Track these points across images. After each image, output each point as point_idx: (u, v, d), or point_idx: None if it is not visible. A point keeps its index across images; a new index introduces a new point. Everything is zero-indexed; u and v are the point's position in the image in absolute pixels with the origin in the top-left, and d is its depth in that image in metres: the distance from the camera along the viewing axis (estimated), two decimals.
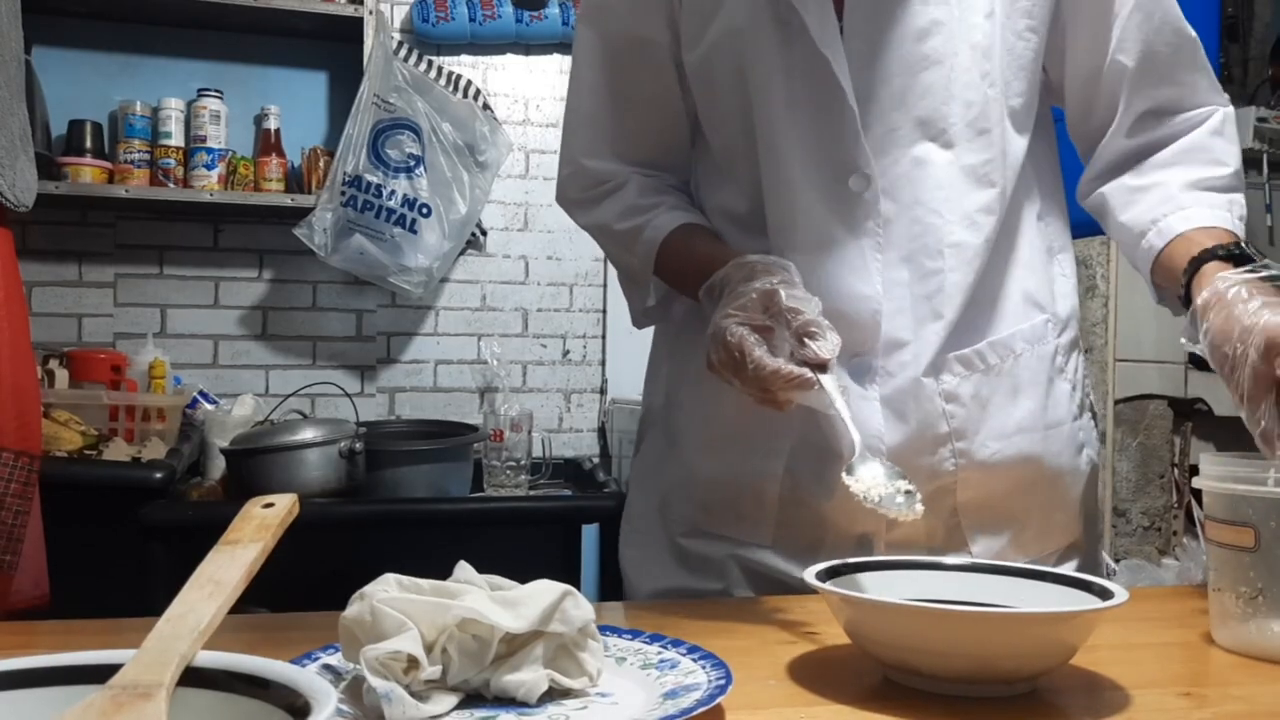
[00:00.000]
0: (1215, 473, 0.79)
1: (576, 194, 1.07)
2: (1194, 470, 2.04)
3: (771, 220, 0.94)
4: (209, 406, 2.40)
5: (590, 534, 2.24)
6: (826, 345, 0.81)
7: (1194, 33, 0.98)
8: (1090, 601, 0.69)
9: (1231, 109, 0.99)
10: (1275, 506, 0.74)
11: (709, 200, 1.04)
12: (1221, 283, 0.82)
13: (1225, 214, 0.91)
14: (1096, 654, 0.76)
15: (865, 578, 0.75)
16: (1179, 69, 0.97)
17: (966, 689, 0.66)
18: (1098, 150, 1.00)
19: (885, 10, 0.92)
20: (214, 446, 2.27)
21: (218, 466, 2.26)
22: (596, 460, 2.70)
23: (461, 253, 2.66)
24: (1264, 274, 0.82)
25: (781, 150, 0.93)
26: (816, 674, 0.70)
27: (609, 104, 1.03)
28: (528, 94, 2.78)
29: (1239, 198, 0.95)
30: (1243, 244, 0.87)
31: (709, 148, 1.02)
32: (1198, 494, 0.82)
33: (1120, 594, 0.67)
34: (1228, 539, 0.77)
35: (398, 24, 2.67)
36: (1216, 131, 0.97)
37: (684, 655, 0.68)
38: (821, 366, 0.81)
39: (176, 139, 2.48)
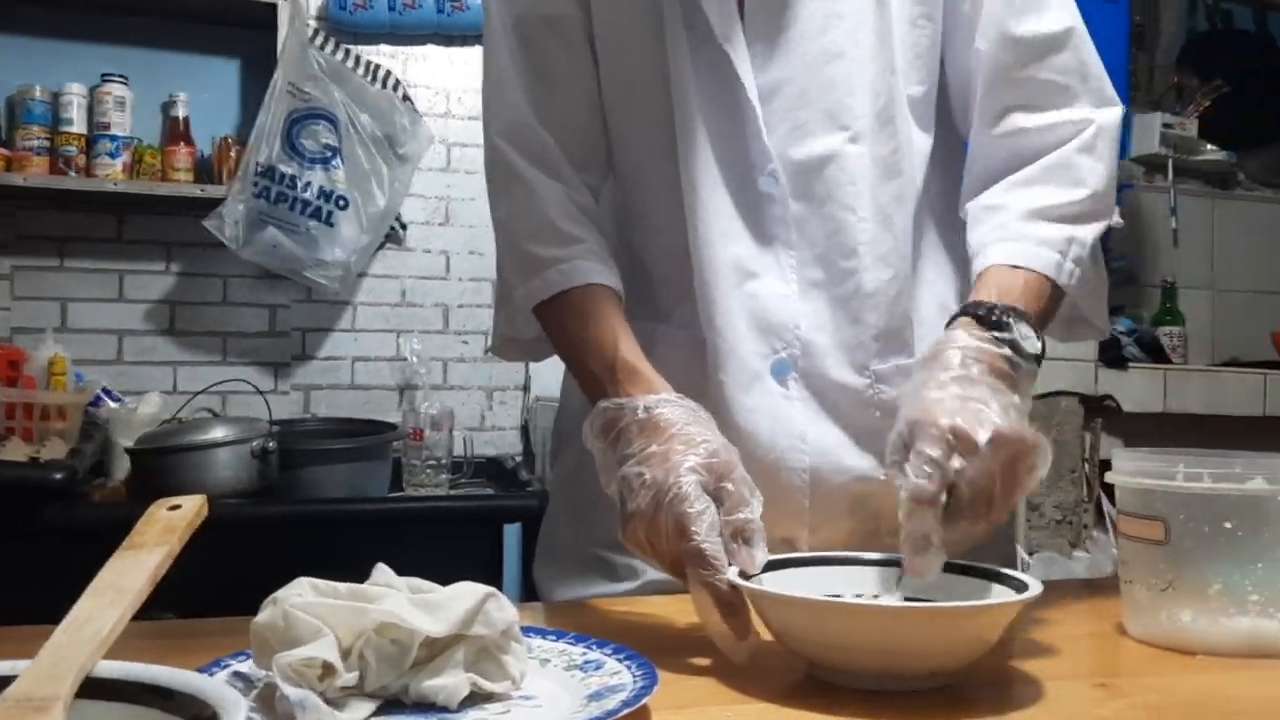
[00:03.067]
0: (1127, 468, 0.81)
1: (492, 179, 1.00)
2: (1104, 465, 2.10)
3: (689, 220, 0.93)
4: (113, 404, 2.32)
5: (513, 534, 2.22)
6: (761, 556, 0.73)
7: (1068, 24, 0.93)
8: (1007, 594, 0.70)
9: (1112, 117, 0.93)
10: (1184, 500, 0.76)
11: (628, 210, 1.02)
12: (941, 345, 0.79)
13: (1051, 254, 0.87)
14: (1012, 646, 0.77)
15: (787, 574, 0.75)
16: (1039, 61, 0.92)
17: (888, 683, 0.66)
18: (970, 151, 0.97)
19: (783, 7, 0.92)
20: (118, 446, 2.19)
21: (122, 467, 2.19)
22: (519, 459, 2.68)
23: (380, 247, 2.62)
24: (999, 339, 0.78)
25: (695, 150, 0.92)
26: (741, 671, 0.69)
27: (526, 82, 0.97)
28: (449, 86, 2.74)
29: (1085, 229, 0.90)
30: (1005, 310, 0.80)
31: (626, 151, 1.00)
32: (1108, 488, 0.84)
33: (1035, 586, 0.68)
34: (1139, 532, 0.79)
35: (313, 11, 2.61)
36: (1085, 148, 0.91)
37: (609, 656, 0.68)
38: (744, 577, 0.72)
39: (79, 126, 2.39)
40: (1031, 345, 0.80)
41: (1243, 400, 2.41)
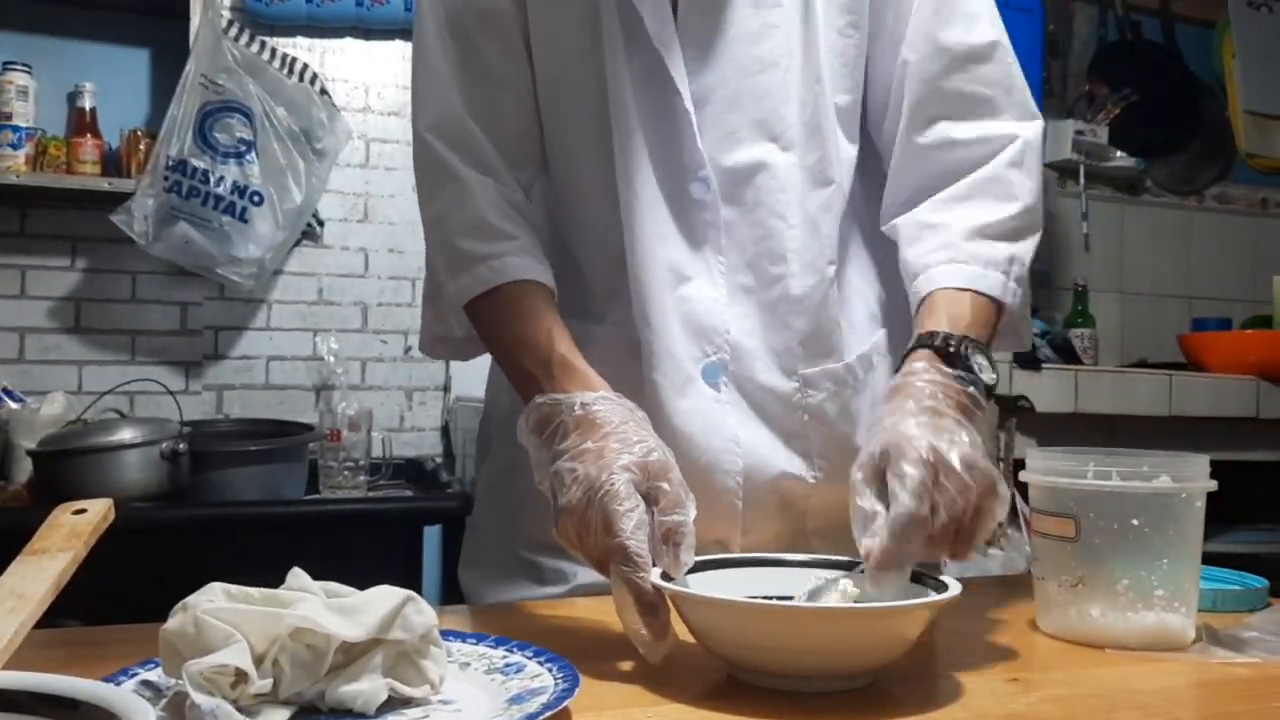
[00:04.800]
0: (1039, 466, 0.83)
1: (422, 174, 0.98)
2: (1018, 464, 2.14)
3: (625, 222, 0.93)
4: (14, 405, 2.24)
5: (432, 536, 2.19)
6: (687, 559, 0.73)
7: (994, 38, 0.95)
8: (926, 595, 0.71)
9: (1035, 131, 0.95)
10: (1094, 498, 0.78)
11: (562, 209, 1.01)
12: (908, 378, 0.80)
13: (995, 274, 0.89)
14: (929, 643, 0.79)
15: (709, 576, 0.76)
16: (966, 72, 0.94)
17: (809, 684, 0.67)
18: (893, 162, 0.97)
19: (718, 12, 0.93)
20: (20, 448, 2.11)
21: (24, 469, 2.11)
22: (439, 460, 2.65)
23: (296, 244, 2.56)
24: (963, 378, 0.80)
25: (631, 152, 0.92)
26: (663, 673, 0.69)
27: (459, 77, 0.96)
28: (368, 80, 2.69)
29: (1023, 246, 0.92)
30: (963, 342, 0.82)
31: (561, 150, 0.99)
32: (1022, 487, 0.86)
33: (954, 587, 0.70)
34: (1051, 529, 0.81)
35: (228, 1, 2.55)
36: (1014, 162, 0.93)
37: (530, 659, 0.67)
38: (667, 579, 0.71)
39: None
40: (988, 377, 0.82)
41: (1150, 400, 2.49)
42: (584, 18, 0.93)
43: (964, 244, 0.90)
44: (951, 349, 0.82)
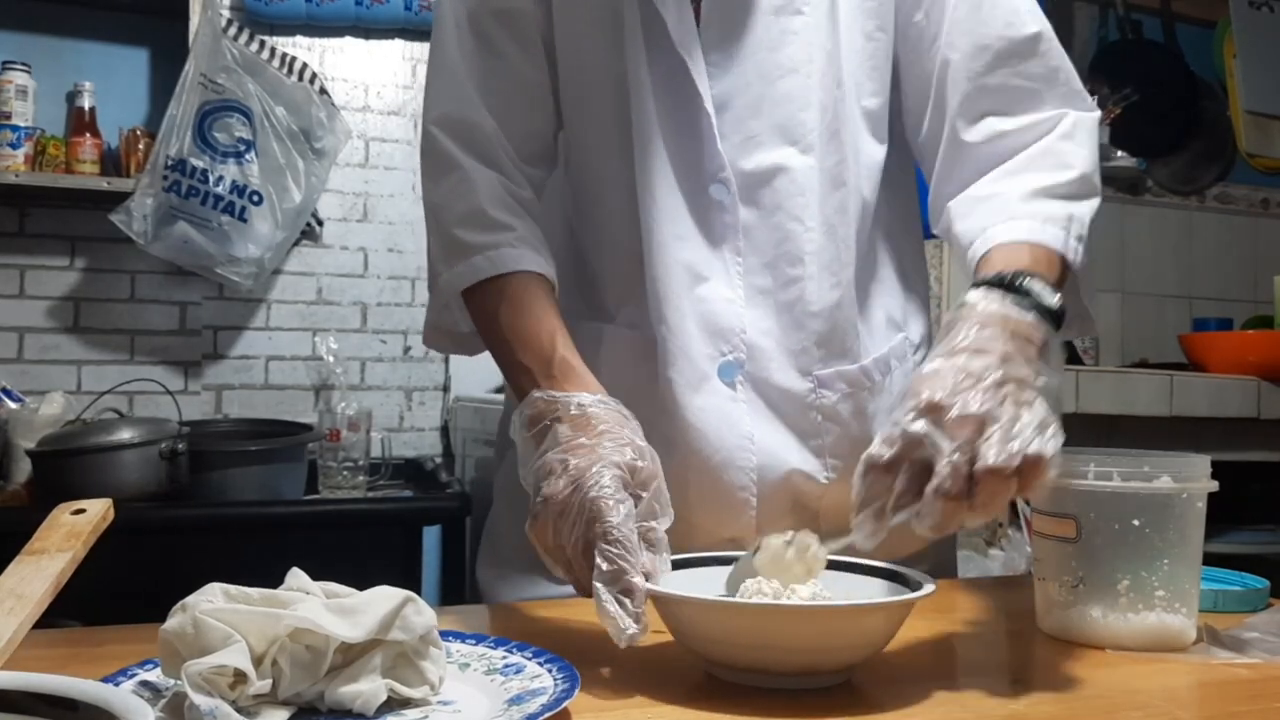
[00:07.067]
0: None
1: (426, 165, 0.99)
2: None
3: (643, 221, 0.94)
4: (13, 405, 2.23)
5: (432, 536, 2.19)
6: (662, 562, 0.72)
7: (1037, 29, 0.95)
8: (900, 593, 0.71)
9: (1087, 113, 0.95)
10: (1094, 499, 0.78)
11: (578, 209, 1.02)
12: (954, 314, 0.77)
13: (1055, 230, 0.87)
14: (929, 643, 0.79)
15: (690, 574, 0.76)
16: (1011, 67, 0.94)
17: (786, 682, 0.67)
18: (939, 160, 0.97)
19: (739, 19, 0.94)
20: (19, 448, 2.11)
21: (23, 470, 2.10)
22: (439, 460, 2.65)
23: (296, 243, 2.56)
24: (1020, 302, 0.76)
25: (651, 154, 0.93)
26: (660, 674, 0.69)
27: (476, 74, 0.97)
28: (368, 79, 2.69)
29: (1082, 207, 0.90)
30: (1018, 273, 0.78)
31: (580, 151, 1.00)
32: None
33: (928, 585, 0.69)
34: (1051, 530, 0.81)
35: (227, 0, 2.55)
36: (1066, 135, 0.93)
37: (529, 659, 0.67)
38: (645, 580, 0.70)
39: None
40: (1051, 300, 0.77)
41: (1151, 401, 2.48)
42: (605, 20, 0.95)
43: (1018, 204, 0.88)
44: (1007, 280, 0.77)
